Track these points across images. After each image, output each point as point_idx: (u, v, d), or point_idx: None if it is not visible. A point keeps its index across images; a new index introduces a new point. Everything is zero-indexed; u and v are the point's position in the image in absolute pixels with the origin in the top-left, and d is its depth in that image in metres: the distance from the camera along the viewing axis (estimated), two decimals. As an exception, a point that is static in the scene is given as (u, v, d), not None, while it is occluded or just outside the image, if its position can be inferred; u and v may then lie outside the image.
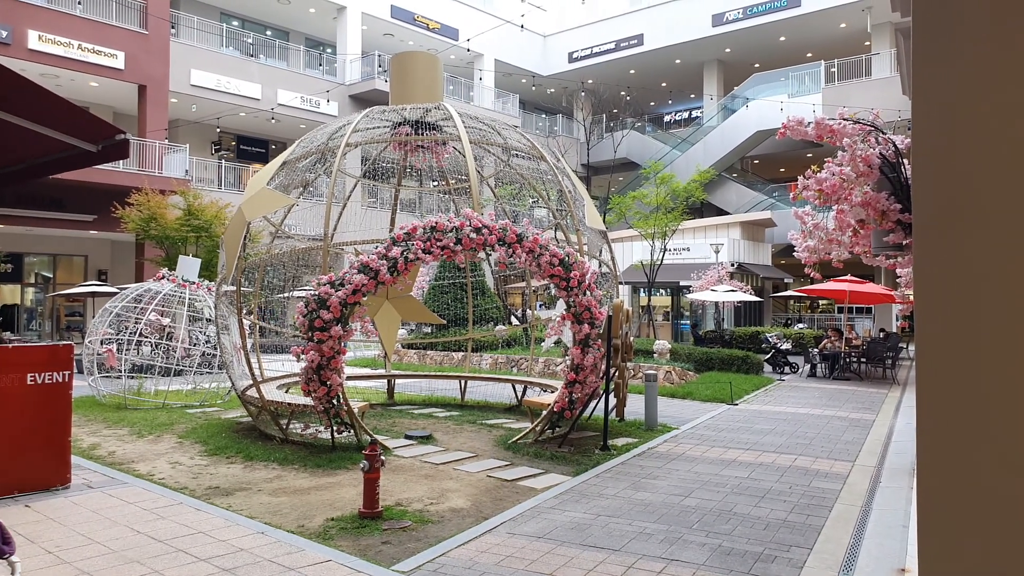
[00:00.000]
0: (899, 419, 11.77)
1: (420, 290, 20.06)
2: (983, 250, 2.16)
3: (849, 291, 19.55)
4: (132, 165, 22.40)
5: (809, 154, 34.46)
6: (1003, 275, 2.13)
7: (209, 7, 30.02)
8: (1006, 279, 2.13)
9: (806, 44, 34.48)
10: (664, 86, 40.31)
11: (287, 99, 28.37)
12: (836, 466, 8.30)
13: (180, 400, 12.47)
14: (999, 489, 2.13)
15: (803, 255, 9.41)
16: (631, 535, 5.72)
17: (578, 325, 8.73)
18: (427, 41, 33.98)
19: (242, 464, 8.03)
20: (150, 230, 19.76)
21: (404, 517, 6.13)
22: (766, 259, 31.09)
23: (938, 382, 2.23)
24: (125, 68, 22.97)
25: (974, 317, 2.17)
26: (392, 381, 13.56)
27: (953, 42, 2.24)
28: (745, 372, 17.62)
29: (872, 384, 17.22)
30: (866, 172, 7.05)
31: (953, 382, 2.20)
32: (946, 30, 2.25)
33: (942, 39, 2.26)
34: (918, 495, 2.31)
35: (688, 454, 8.82)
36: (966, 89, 2.22)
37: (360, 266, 8.13)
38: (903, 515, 6.32)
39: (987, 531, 2.15)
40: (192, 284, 13.06)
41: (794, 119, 7.55)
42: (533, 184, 11.86)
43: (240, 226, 9.59)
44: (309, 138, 10.62)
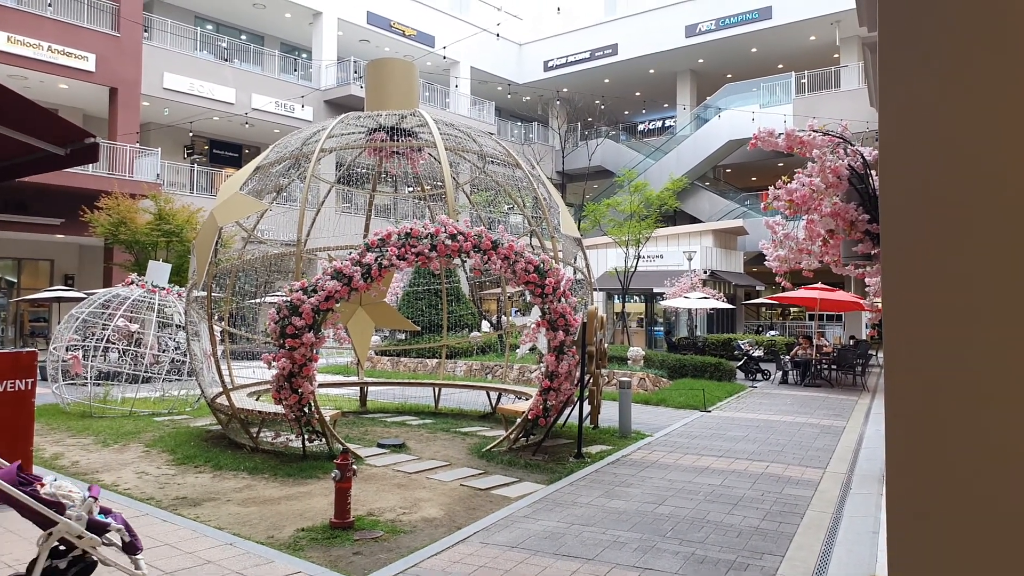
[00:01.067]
0: (869, 426, 11.91)
1: (394, 296, 19.96)
2: (949, 260, 2.20)
3: (820, 299, 19.78)
4: (102, 168, 22.07)
5: (780, 163, 34.85)
6: (968, 284, 2.17)
7: (183, 10, 29.74)
8: (972, 288, 2.16)
9: (777, 55, 34.95)
10: (638, 95, 40.61)
11: (261, 104, 28.16)
12: (807, 473, 8.38)
13: (148, 408, 12.27)
14: (967, 495, 2.16)
15: (774, 264, 9.52)
16: (605, 544, 5.72)
17: (553, 332, 8.73)
18: (403, 48, 33.94)
19: (211, 473, 7.92)
20: (119, 234, 19.46)
21: (376, 527, 6.08)
22: (738, 267, 31.40)
23: (906, 389, 2.26)
24: (96, 70, 22.66)
25: (941, 325, 2.21)
26: (365, 388, 13.47)
27: (918, 57, 2.28)
28: (718, 379, 17.75)
29: (843, 391, 17.42)
30: (835, 183, 7.15)
31: (921, 389, 2.23)
32: (911, 45, 2.29)
33: (907, 54, 2.30)
34: (887, 502, 2.34)
35: (662, 461, 8.85)
36: (931, 103, 2.26)
37: (333, 272, 8.07)
38: (873, 521, 6.39)
39: (955, 538, 2.18)
40: (162, 290, 12.89)
41: (765, 130, 7.64)
42: (508, 191, 11.87)
43: (212, 231, 9.49)
44: (283, 143, 10.55)
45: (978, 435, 2.16)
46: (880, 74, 2.39)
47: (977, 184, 2.19)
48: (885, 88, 2.38)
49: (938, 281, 2.23)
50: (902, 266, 2.32)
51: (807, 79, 31.33)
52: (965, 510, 2.16)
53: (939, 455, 2.20)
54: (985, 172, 2.18)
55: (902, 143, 2.33)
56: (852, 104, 26.32)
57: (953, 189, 2.22)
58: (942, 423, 2.20)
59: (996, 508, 2.13)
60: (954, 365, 2.20)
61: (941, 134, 2.25)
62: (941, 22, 2.25)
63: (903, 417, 2.28)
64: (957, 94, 2.23)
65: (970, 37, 2.20)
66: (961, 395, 2.18)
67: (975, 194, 2.19)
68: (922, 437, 2.24)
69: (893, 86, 2.37)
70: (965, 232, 2.20)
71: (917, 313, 2.28)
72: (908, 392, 2.27)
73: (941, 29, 2.24)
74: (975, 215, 2.19)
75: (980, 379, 2.16)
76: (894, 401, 2.29)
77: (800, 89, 31.26)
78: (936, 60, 2.26)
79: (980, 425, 2.15)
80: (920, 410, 2.24)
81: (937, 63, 2.26)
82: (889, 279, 2.34)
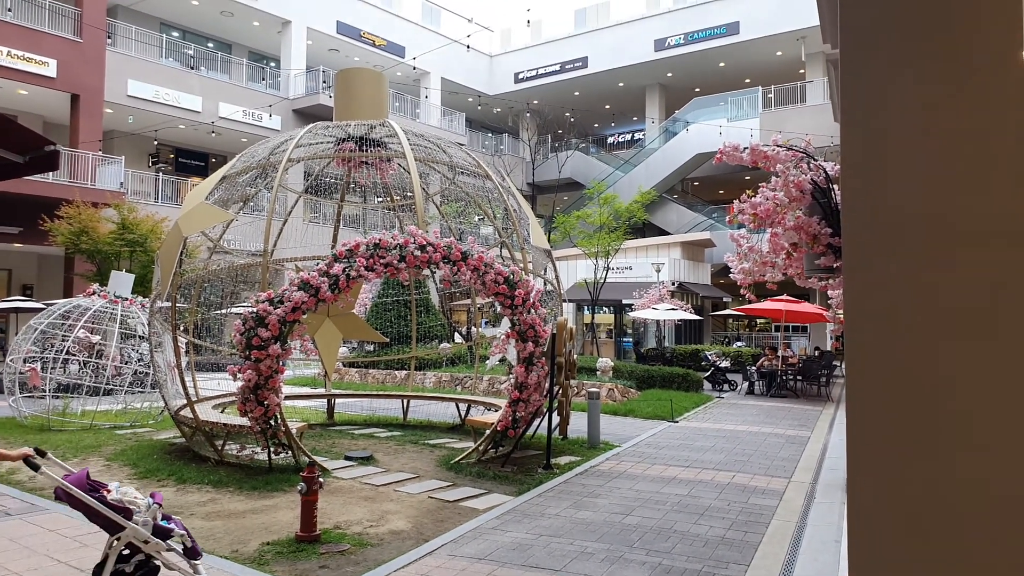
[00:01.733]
0: (833, 435, 12.07)
1: (363, 307, 19.82)
2: (909, 272, 2.25)
3: (785, 310, 20.05)
4: (63, 176, 21.66)
5: (747, 177, 35.33)
6: (928, 296, 2.22)
7: (148, 17, 29.38)
8: (931, 300, 2.21)
9: (745, 70, 35.48)
10: (608, 108, 40.94)
11: (229, 112, 27.88)
12: (773, 483, 8.46)
13: (109, 421, 12.03)
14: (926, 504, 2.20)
15: (738, 276, 9.63)
16: (573, 555, 5.72)
17: (522, 343, 8.74)
18: (373, 58, 33.88)
19: (174, 487, 7.79)
20: (81, 244, 19.07)
21: (343, 540, 6.02)
22: (706, 279, 31.71)
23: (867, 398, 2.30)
24: (57, 76, 22.28)
25: (901, 336, 2.25)
26: (332, 401, 13.34)
27: (879, 74, 2.34)
28: (685, 389, 17.88)
29: (808, 401, 17.64)
30: (798, 197, 7.26)
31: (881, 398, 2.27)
32: (872, 62, 2.35)
33: (868, 71, 2.36)
34: (848, 510, 2.37)
35: (630, 472, 8.89)
36: (891, 119, 2.31)
37: (300, 283, 8.01)
38: (836, 530, 6.47)
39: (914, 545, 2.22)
40: (125, 300, 12.67)
41: (730, 145, 7.74)
42: (479, 202, 11.88)
43: (176, 241, 9.37)
44: (250, 152, 10.46)
45: (937, 444, 2.20)
46: (841, 92, 2.45)
47: (936, 198, 2.24)
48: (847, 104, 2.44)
49: (898, 293, 2.28)
50: (863, 278, 2.36)
51: (774, 94, 31.84)
52: (924, 518, 2.20)
53: (898, 464, 2.24)
54: (944, 187, 2.23)
55: (863, 158, 2.39)
56: (817, 119, 26.80)
57: (913, 203, 2.27)
58: (902, 432, 2.24)
59: (953, 516, 2.17)
60: (914, 375, 2.24)
61: (901, 149, 2.31)
62: (901, 40, 2.31)
63: (863, 426, 2.32)
64: (916, 110, 2.29)
65: (929, 55, 2.26)
66: (920, 405, 2.23)
67: (934, 208, 2.24)
68: (882, 446, 2.28)
69: (854, 102, 2.42)
70: (925, 245, 2.25)
71: (877, 324, 2.32)
72: (869, 401, 2.31)
73: (901, 46, 2.30)
74: (934, 228, 2.24)
75: (939, 389, 2.21)
76: (855, 410, 2.33)
77: (767, 104, 31.76)
78: (896, 77, 2.32)
79: (939, 435, 2.20)
80: (880, 418, 2.28)
81: (897, 80, 2.32)
82: (850, 291, 2.39)
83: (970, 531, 2.12)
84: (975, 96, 2.18)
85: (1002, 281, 2.11)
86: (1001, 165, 2.13)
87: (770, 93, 31.92)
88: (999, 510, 2.09)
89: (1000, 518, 2.09)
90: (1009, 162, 2.13)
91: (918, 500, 2.19)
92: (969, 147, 2.19)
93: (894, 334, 2.25)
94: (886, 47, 2.31)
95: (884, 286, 2.29)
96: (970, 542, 2.12)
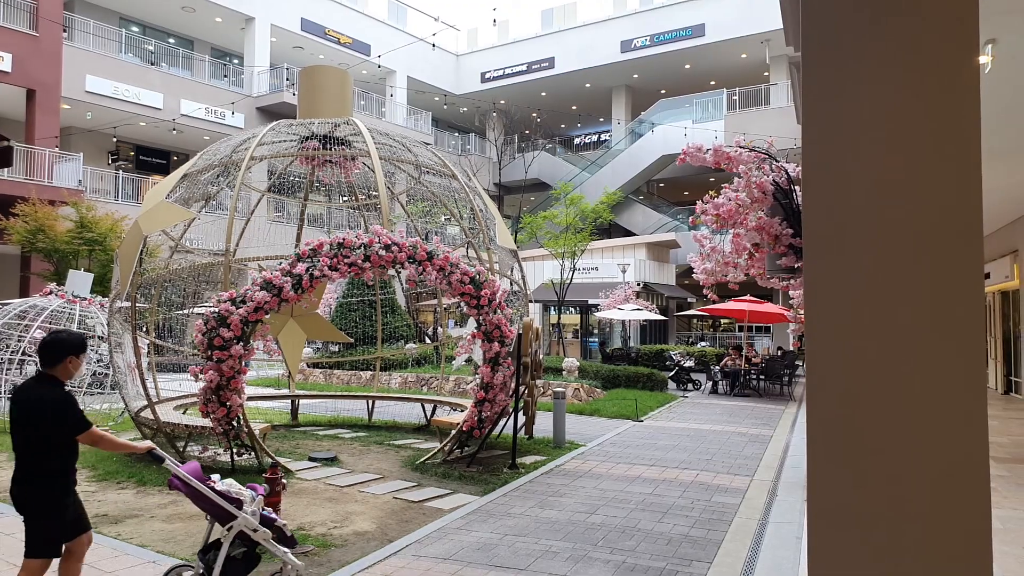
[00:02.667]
0: (795, 434, 12.25)
1: (327, 308, 19.65)
2: (866, 272, 2.29)
3: (748, 311, 20.30)
4: (18, 173, 21.15)
5: (712, 178, 35.74)
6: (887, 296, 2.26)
7: (107, 11, 28.80)
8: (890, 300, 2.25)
9: (710, 72, 35.85)
10: (574, 109, 41.09)
11: (190, 109, 27.45)
12: (736, 481, 8.56)
13: (68, 422, 11.76)
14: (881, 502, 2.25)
15: (701, 276, 9.73)
16: (537, 554, 5.73)
17: (488, 343, 8.74)
18: (338, 56, 33.59)
19: (134, 490, 7.65)
20: (37, 242, 18.63)
21: (306, 542, 5.96)
22: (671, 279, 31.99)
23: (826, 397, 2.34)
24: (12, 71, 21.73)
25: (860, 336, 2.29)
26: (296, 401, 13.22)
27: (839, 77, 2.38)
28: (650, 389, 18.02)
29: (770, 400, 17.89)
30: (760, 198, 7.36)
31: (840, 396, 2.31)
32: (833, 65, 2.39)
33: (829, 74, 2.40)
34: (808, 507, 2.41)
35: (594, 471, 8.93)
36: (852, 122, 2.36)
37: (263, 283, 7.92)
38: (797, 527, 6.57)
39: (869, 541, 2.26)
40: (83, 300, 12.41)
41: (693, 146, 7.81)
42: (445, 202, 11.85)
43: (136, 240, 9.21)
44: (212, 150, 10.31)
45: (894, 442, 2.24)
46: (803, 95, 2.48)
47: (894, 200, 2.29)
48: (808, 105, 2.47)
49: (857, 293, 2.32)
50: (823, 279, 2.40)
51: (738, 96, 32.21)
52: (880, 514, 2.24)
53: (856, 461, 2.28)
54: (902, 190, 2.28)
55: (824, 159, 2.43)
56: (781, 121, 27.16)
57: (872, 205, 2.31)
58: (860, 430, 2.28)
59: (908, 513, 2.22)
60: (872, 374, 2.28)
61: (861, 152, 2.35)
62: (861, 43, 2.35)
63: (823, 424, 2.36)
64: (876, 113, 2.33)
65: (889, 58, 2.31)
66: (879, 403, 2.27)
67: (892, 210, 2.29)
68: (840, 443, 2.32)
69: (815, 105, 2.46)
70: (882, 246, 2.30)
71: (837, 324, 2.36)
72: (827, 400, 2.34)
73: (861, 49, 2.34)
74: (893, 230, 2.28)
75: (897, 388, 2.26)
76: (814, 409, 2.37)
77: (732, 106, 32.13)
78: (856, 79, 2.36)
79: (896, 432, 2.24)
80: (838, 417, 2.32)
81: (857, 82, 2.36)
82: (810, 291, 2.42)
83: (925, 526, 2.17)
84: (933, 98, 2.23)
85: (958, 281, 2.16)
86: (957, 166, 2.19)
87: (735, 95, 32.29)
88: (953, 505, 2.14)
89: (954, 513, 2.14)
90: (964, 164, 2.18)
91: (875, 497, 2.24)
92: (927, 149, 2.24)
93: (853, 333, 2.30)
94: (847, 50, 2.35)
95: (844, 286, 2.33)
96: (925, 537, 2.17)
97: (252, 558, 4.52)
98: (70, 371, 4.14)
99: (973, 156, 2.17)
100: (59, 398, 4.01)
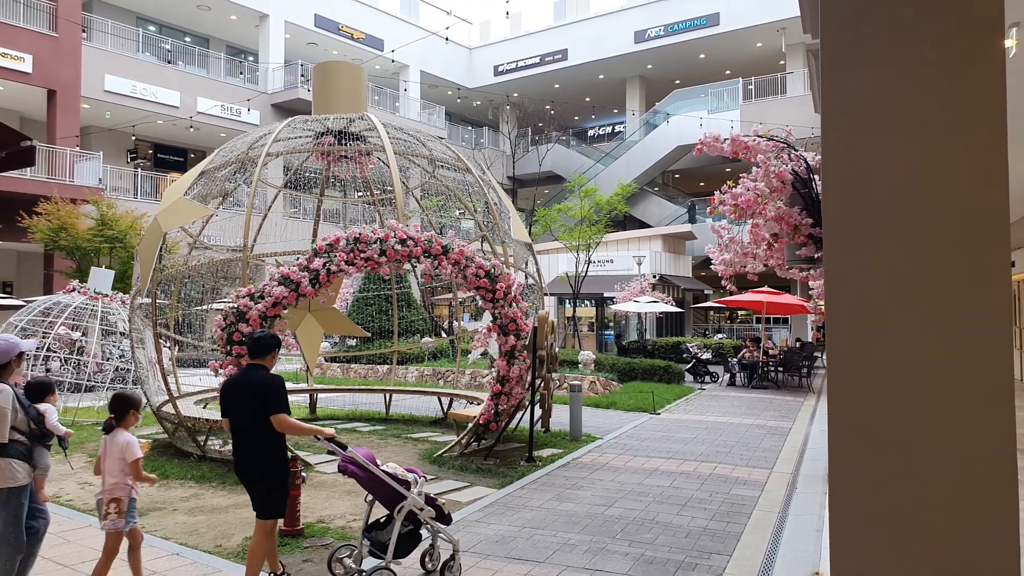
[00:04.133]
0: (814, 426, 12.18)
1: (344, 302, 19.75)
2: (889, 263, 2.26)
3: (767, 302, 20.17)
4: (41, 173, 21.38)
5: (728, 169, 35.50)
6: (908, 287, 2.23)
7: (124, 11, 29.00)
8: (911, 291, 2.23)
9: (725, 62, 35.58)
10: (588, 101, 40.93)
11: (207, 107, 27.59)
12: (755, 473, 8.53)
13: (91, 417, 11.92)
14: (903, 494, 2.22)
15: (719, 268, 9.67)
16: (555, 546, 5.74)
17: (504, 336, 8.74)
18: (352, 51, 33.64)
19: (157, 483, 7.71)
20: (60, 240, 18.87)
21: (326, 534, 6.01)
22: (687, 271, 31.83)
23: (848, 389, 2.31)
24: (33, 72, 21.94)
25: (881, 326, 2.27)
26: (314, 395, 13.29)
27: (859, 64, 2.35)
28: (667, 381, 17.96)
29: (789, 392, 17.79)
30: (779, 188, 7.30)
31: (861, 390, 2.29)
32: (852, 52, 2.36)
33: (849, 61, 2.37)
34: (829, 500, 2.39)
35: (612, 464, 8.92)
36: (872, 109, 2.32)
37: (281, 278, 7.95)
38: (817, 520, 6.53)
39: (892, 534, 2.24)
40: (105, 297, 12.55)
41: (711, 135, 7.76)
42: (459, 196, 11.85)
43: (156, 237, 9.28)
44: (229, 147, 10.36)
45: (916, 434, 2.22)
46: (822, 81, 2.46)
47: (917, 189, 2.26)
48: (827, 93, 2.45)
49: (878, 283, 2.29)
50: (843, 268, 2.38)
51: (754, 85, 31.95)
52: (901, 507, 2.22)
53: (879, 453, 2.26)
54: (925, 178, 2.25)
55: (844, 148, 2.40)
56: (798, 110, 26.92)
57: (893, 194, 2.29)
58: (882, 422, 2.26)
59: (930, 505, 2.20)
60: (895, 364, 2.26)
61: (882, 139, 2.32)
62: (881, 30, 2.32)
63: (845, 416, 2.33)
64: (897, 100, 2.30)
65: (909, 45, 2.28)
66: (901, 394, 2.25)
67: (915, 199, 2.26)
68: (863, 436, 2.30)
69: (835, 91, 2.43)
70: (905, 236, 2.27)
71: (858, 314, 2.34)
72: (850, 392, 2.32)
73: (881, 36, 2.31)
74: (915, 219, 2.25)
75: (921, 378, 2.23)
76: (836, 401, 2.34)
77: (747, 95, 31.87)
78: (877, 66, 2.33)
79: (917, 425, 2.22)
80: (861, 409, 2.30)
81: (878, 69, 2.33)
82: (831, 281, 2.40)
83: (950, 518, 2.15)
84: (957, 84, 2.20)
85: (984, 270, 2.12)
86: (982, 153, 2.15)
87: (750, 85, 32.03)
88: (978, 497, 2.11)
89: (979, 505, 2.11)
90: (989, 150, 2.15)
91: (899, 489, 2.21)
92: (951, 135, 2.20)
93: (875, 323, 2.27)
94: (867, 36, 2.32)
95: (865, 276, 2.30)
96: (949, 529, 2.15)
97: (416, 536, 4.88)
98: (272, 362, 4.88)
99: (998, 142, 2.13)
100: (277, 380, 4.68)
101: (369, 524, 4.95)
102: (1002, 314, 2.10)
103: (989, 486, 2.10)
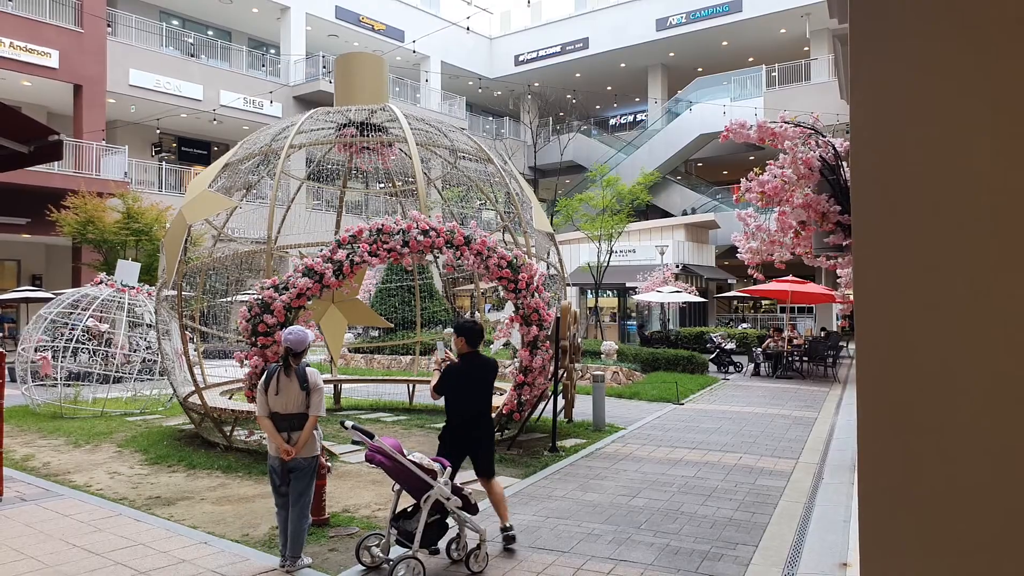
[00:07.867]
0: (840, 416, 12.07)
1: (367, 293, 19.81)
2: (920, 250, 2.22)
3: (791, 291, 20.00)
4: (68, 167, 21.67)
5: (751, 157, 35.15)
6: (939, 275, 2.19)
7: (148, 6, 29.24)
8: (942, 279, 2.19)
9: (748, 49, 35.20)
10: (609, 89, 40.70)
11: (229, 100, 27.79)
12: (780, 464, 8.47)
13: (119, 408, 12.09)
14: (936, 484, 2.19)
15: (746, 256, 9.59)
16: (580, 536, 5.74)
17: (526, 327, 8.73)
18: (372, 42, 33.68)
19: (185, 473, 7.83)
20: (87, 233, 19.15)
21: (351, 524, 6.05)
22: (710, 260, 31.62)
23: (878, 379, 2.28)
24: (59, 67, 22.22)
25: (912, 315, 2.23)
26: (338, 386, 13.38)
27: (889, 49, 2.30)
28: (690, 372, 17.87)
29: (814, 382, 17.63)
30: (807, 175, 7.21)
31: (892, 379, 2.25)
32: (882, 37, 2.31)
33: (878, 46, 2.32)
34: (859, 490, 2.36)
35: (635, 454, 8.90)
36: (902, 94, 2.28)
37: (305, 269, 8.00)
38: (844, 510, 6.48)
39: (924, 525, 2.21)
40: (132, 289, 12.71)
41: (737, 122, 7.68)
42: (480, 187, 11.84)
43: (181, 229, 9.37)
44: (252, 139, 10.42)
45: (947, 424, 2.18)
46: (851, 66, 2.41)
47: (948, 175, 2.21)
48: (856, 79, 2.40)
49: (909, 271, 2.25)
50: (873, 256, 2.34)
51: (777, 72, 31.61)
52: (933, 498, 2.19)
53: (909, 444, 2.23)
54: (956, 163, 2.20)
55: (873, 134, 2.35)
56: (822, 97, 26.59)
57: (924, 180, 2.24)
58: (912, 412, 2.23)
59: (963, 495, 2.16)
60: (925, 355, 2.22)
61: (912, 125, 2.27)
62: (911, 14, 2.27)
63: (875, 406, 2.30)
64: (928, 85, 2.25)
65: (940, 28, 2.22)
66: (931, 385, 2.21)
67: (946, 185, 2.21)
68: (893, 426, 2.27)
69: (864, 77, 2.39)
70: (936, 222, 2.22)
71: (888, 303, 2.30)
72: (880, 381, 2.29)
73: (911, 21, 2.26)
74: (946, 205, 2.21)
75: (950, 369, 2.19)
76: (866, 390, 2.31)
77: (771, 82, 31.53)
78: (906, 51, 2.28)
79: (949, 414, 2.18)
80: (891, 399, 2.27)
81: (907, 54, 2.28)
82: (861, 270, 2.36)
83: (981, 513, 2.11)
84: (993, 70, 2.14)
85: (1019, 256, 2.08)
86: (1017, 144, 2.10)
87: (774, 72, 31.69)
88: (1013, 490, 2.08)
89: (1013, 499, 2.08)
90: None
91: (931, 479, 2.18)
92: (989, 120, 2.15)
93: (905, 314, 2.23)
94: (898, 19, 2.27)
95: (895, 265, 2.27)
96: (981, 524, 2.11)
97: (443, 525, 5.00)
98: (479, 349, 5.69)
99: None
100: (494, 361, 5.78)
101: (396, 513, 5.01)
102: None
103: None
